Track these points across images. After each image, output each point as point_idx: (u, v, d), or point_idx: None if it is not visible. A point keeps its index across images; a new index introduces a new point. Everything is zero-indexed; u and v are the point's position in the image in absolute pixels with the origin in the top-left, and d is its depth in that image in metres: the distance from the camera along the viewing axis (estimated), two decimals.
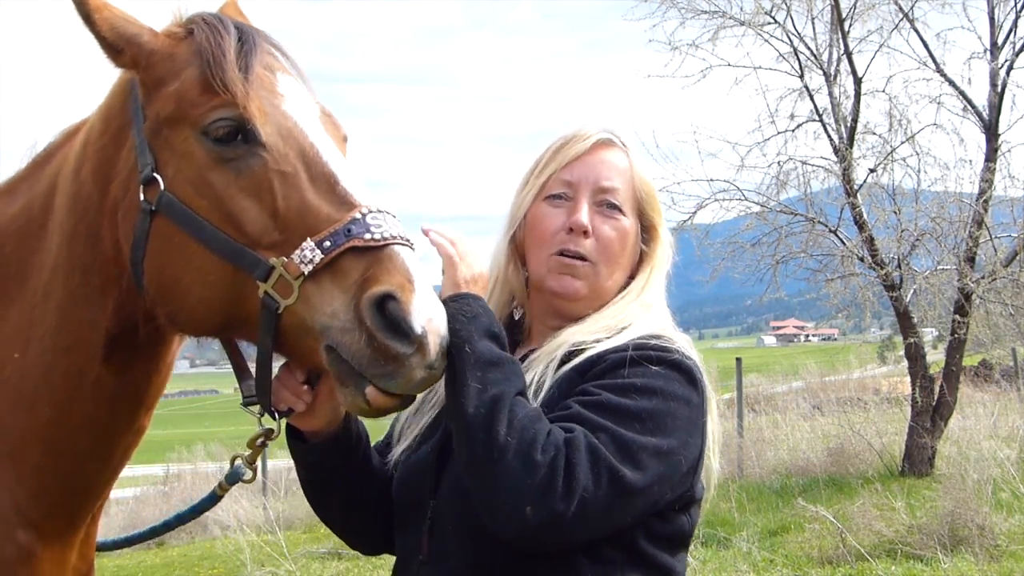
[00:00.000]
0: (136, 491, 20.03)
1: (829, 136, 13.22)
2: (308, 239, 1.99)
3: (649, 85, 13.86)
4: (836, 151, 13.07)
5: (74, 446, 2.26)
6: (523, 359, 2.28)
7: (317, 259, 1.98)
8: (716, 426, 2.28)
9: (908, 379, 13.57)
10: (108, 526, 15.23)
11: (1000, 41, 12.83)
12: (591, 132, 2.36)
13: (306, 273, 1.98)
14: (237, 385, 2.36)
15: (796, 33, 13.27)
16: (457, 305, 2.06)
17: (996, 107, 12.73)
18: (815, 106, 13.26)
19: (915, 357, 12.90)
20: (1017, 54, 12.80)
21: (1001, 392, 18.00)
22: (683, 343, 2.23)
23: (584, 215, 2.29)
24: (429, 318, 1.92)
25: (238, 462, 2.42)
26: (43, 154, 2.41)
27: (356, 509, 2.43)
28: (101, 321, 2.24)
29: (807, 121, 13.41)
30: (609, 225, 2.30)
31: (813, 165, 13.47)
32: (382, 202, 2.06)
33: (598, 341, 2.20)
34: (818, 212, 13.42)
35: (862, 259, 12.96)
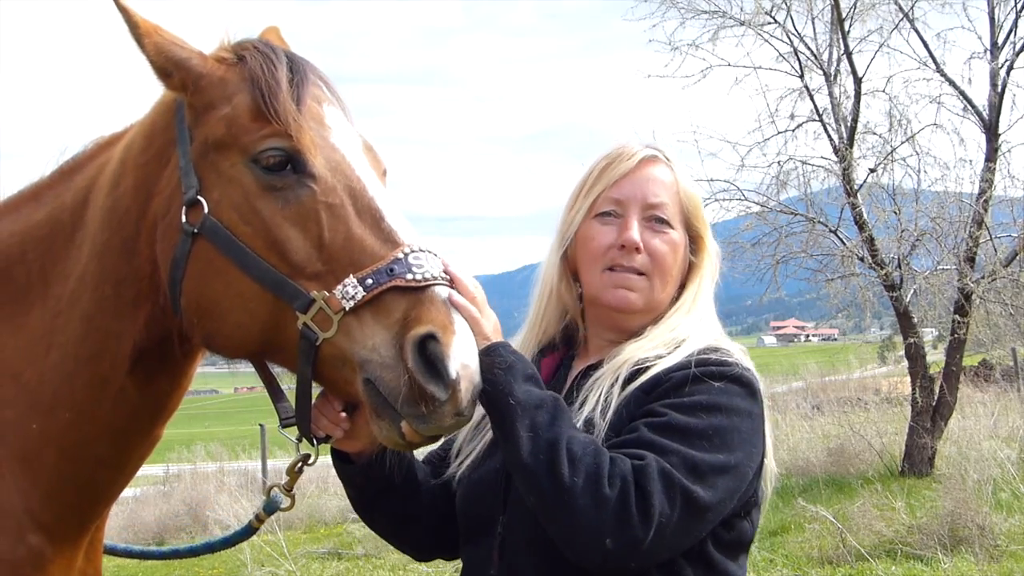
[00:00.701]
0: (136, 491, 20.02)
1: (829, 136, 13.22)
2: (351, 275, 2.03)
3: (649, 85, 13.87)
4: (836, 151, 13.07)
5: (91, 452, 2.28)
6: (584, 373, 2.36)
7: (359, 296, 2.02)
8: (769, 426, 2.35)
9: (908, 379, 13.57)
10: (108, 526, 15.20)
11: (1000, 41, 12.83)
12: (635, 150, 2.43)
13: (347, 309, 2.02)
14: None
15: (796, 33, 13.28)
16: (491, 359, 2.09)
17: (996, 107, 12.73)
18: (815, 106, 13.26)
19: (915, 357, 12.90)
20: (1017, 54, 12.80)
21: (1001, 392, 18.00)
22: (739, 353, 2.29)
23: (635, 232, 2.35)
24: (465, 363, 1.97)
25: (275, 491, 2.45)
26: (73, 163, 2.40)
27: (405, 522, 2.49)
28: (130, 333, 2.25)
29: (807, 121, 13.42)
30: (660, 239, 2.36)
31: (813, 165, 13.48)
32: (424, 240, 2.11)
33: (660, 358, 2.25)
34: (818, 212, 13.42)
35: (862, 259, 12.96)
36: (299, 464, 2.36)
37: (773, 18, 13.21)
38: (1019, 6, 12.81)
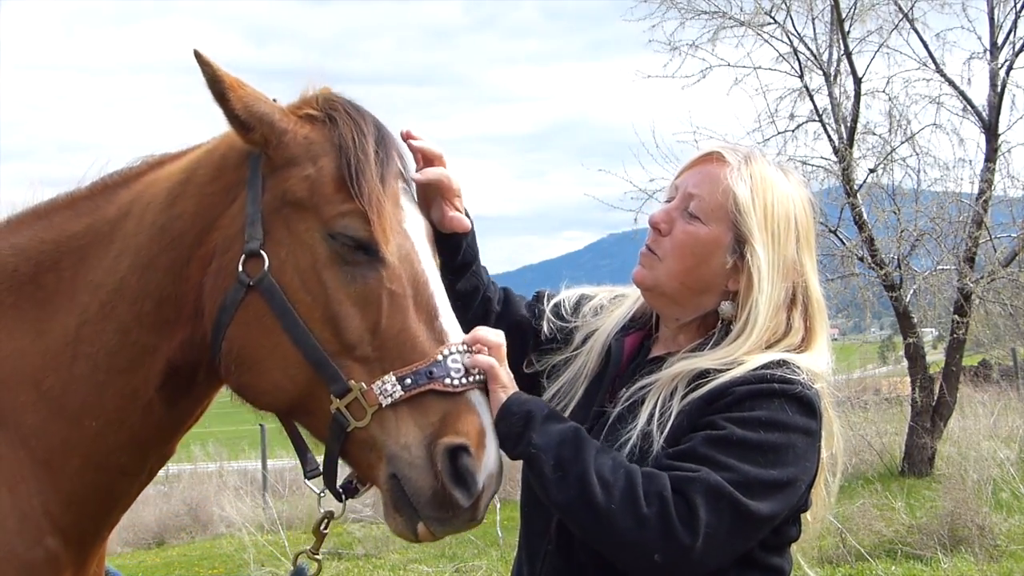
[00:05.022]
0: None
1: (829, 136, 13.22)
2: (391, 373, 2.09)
3: (650, 85, 13.84)
4: (836, 151, 13.08)
5: (114, 461, 2.29)
6: (655, 361, 2.40)
7: (397, 395, 2.08)
8: (836, 448, 2.41)
9: (908, 379, 13.58)
10: None
11: (1000, 41, 12.84)
12: (707, 147, 2.48)
13: (383, 405, 2.08)
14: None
15: (796, 33, 13.28)
16: (507, 417, 2.16)
17: (996, 107, 12.74)
18: (815, 106, 13.26)
19: (915, 357, 12.91)
20: (1017, 54, 12.81)
21: (1001, 392, 17.99)
22: (805, 367, 2.28)
23: (658, 213, 2.42)
24: (491, 473, 2.07)
25: (302, 560, 2.44)
26: (119, 178, 2.39)
27: None
28: (165, 351, 2.26)
29: (807, 121, 13.42)
30: (682, 228, 2.38)
31: (813, 165, 13.48)
32: (461, 338, 2.17)
33: (723, 371, 2.26)
34: (818, 212, 13.36)
35: (862, 259, 12.96)
36: (324, 522, 2.36)
37: (773, 18, 13.22)
38: (1019, 6, 12.82)
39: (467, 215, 2.51)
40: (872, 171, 13.23)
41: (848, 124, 13.02)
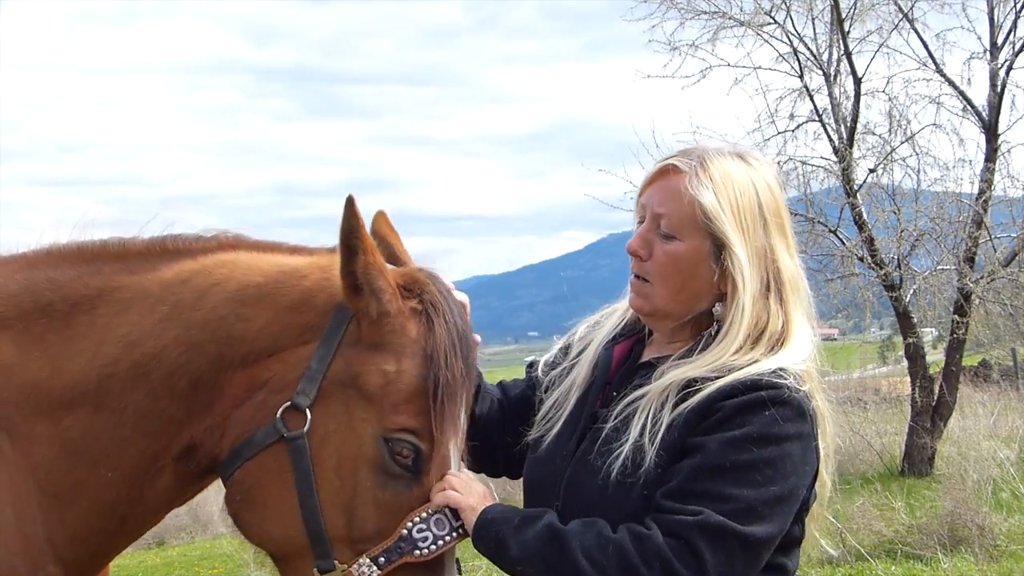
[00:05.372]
0: None
1: (829, 136, 13.22)
2: (365, 556, 2.14)
3: (650, 85, 13.85)
4: (836, 151, 13.07)
5: (124, 509, 2.31)
6: (646, 366, 2.42)
7: (375, 573, 2.14)
8: (830, 437, 2.41)
9: (908, 379, 13.58)
10: None
11: (1000, 41, 12.84)
12: (662, 160, 2.47)
13: None
14: None
15: (796, 33, 13.27)
16: (483, 546, 2.23)
17: (996, 107, 12.73)
18: (815, 106, 13.26)
19: (915, 357, 12.90)
20: (1017, 54, 12.80)
21: (1001, 392, 17.99)
22: (790, 365, 2.28)
23: (635, 241, 2.42)
24: None
25: None
26: (181, 245, 2.36)
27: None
28: (191, 429, 2.27)
29: (807, 121, 13.42)
30: (660, 249, 2.38)
31: (813, 165, 13.47)
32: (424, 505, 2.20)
33: (709, 380, 2.26)
34: (818, 212, 13.41)
35: (862, 259, 12.96)
36: None
37: (773, 18, 13.21)
38: (1019, 6, 12.82)
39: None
40: (872, 171, 13.23)
41: (848, 124, 13.02)
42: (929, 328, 14.99)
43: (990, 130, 12.71)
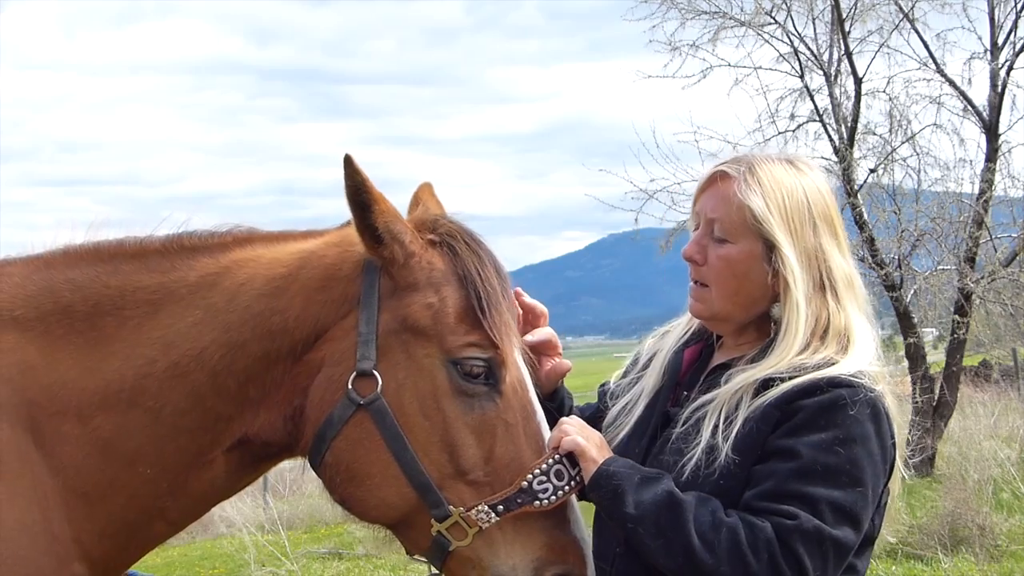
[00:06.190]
0: None
1: (829, 136, 13.23)
2: (483, 502, 2.18)
3: (651, 85, 13.88)
4: (836, 151, 13.08)
5: (160, 506, 2.31)
6: (717, 370, 2.46)
7: (493, 519, 2.18)
8: (899, 436, 2.42)
9: (908, 379, 13.58)
10: None
11: (1000, 41, 12.85)
12: (712, 167, 2.54)
13: (483, 528, 2.19)
14: None
15: (796, 33, 13.28)
16: (597, 496, 2.27)
17: (996, 107, 12.75)
18: (815, 106, 13.27)
19: (915, 357, 12.91)
20: (1017, 54, 12.81)
21: (1001, 392, 18.00)
22: (866, 367, 2.33)
23: (690, 247, 2.50)
24: None
25: None
26: (197, 241, 2.37)
27: None
28: (242, 425, 2.28)
29: (807, 121, 13.43)
30: (714, 253, 2.45)
31: None
32: (545, 453, 2.25)
33: (786, 378, 2.29)
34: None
35: (862, 259, 12.95)
36: None
37: (773, 18, 13.22)
38: (1019, 6, 12.83)
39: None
40: (872, 171, 13.24)
41: (848, 124, 13.03)
42: (930, 328, 15.00)
43: (991, 130, 12.72)
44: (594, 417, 2.73)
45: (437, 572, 2.31)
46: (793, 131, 13.47)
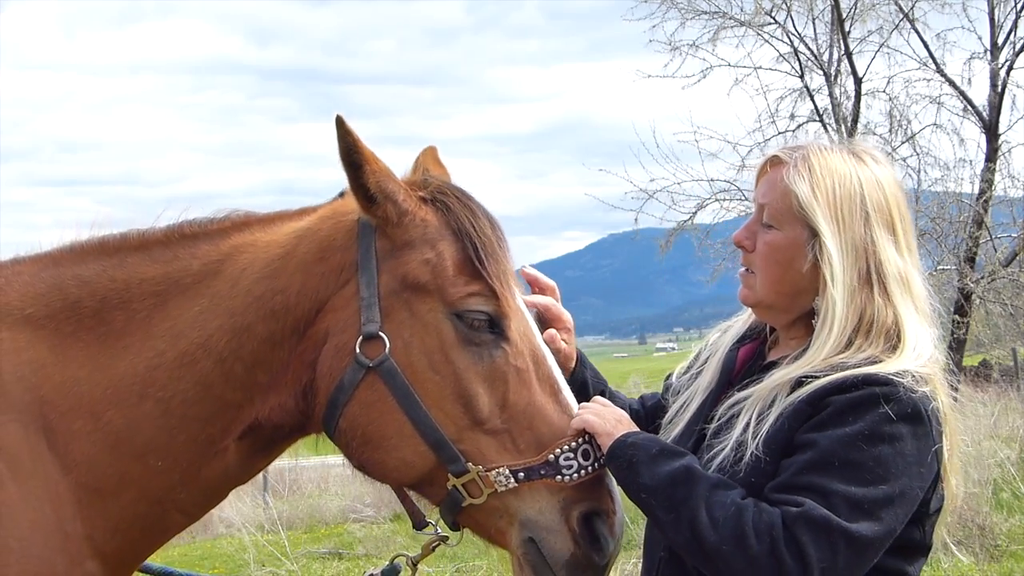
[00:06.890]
0: None
1: (830, 136, 13.22)
2: (505, 466, 2.18)
3: (651, 85, 13.90)
4: None
5: (173, 497, 2.32)
6: (768, 367, 2.42)
7: (511, 485, 2.19)
8: (957, 440, 2.36)
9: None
10: None
11: (1000, 41, 12.89)
12: (769, 152, 2.52)
13: (498, 491, 2.19)
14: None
15: (796, 33, 13.33)
16: (615, 464, 2.25)
17: (996, 107, 12.77)
18: (815, 106, 13.31)
19: None
20: (1017, 54, 12.84)
21: (1001, 392, 17.97)
22: (912, 367, 2.25)
23: (740, 232, 2.49)
24: (619, 536, 2.22)
25: (399, 559, 2.53)
26: (197, 229, 2.39)
27: None
28: (252, 410, 2.29)
29: (808, 121, 13.46)
30: (761, 239, 2.43)
31: None
32: (573, 430, 2.25)
33: (822, 375, 2.24)
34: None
35: None
36: (435, 544, 2.44)
37: (773, 19, 13.24)
38: (1019, 6, 12.86)
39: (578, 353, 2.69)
40: None
41: (848, 124, 13.04)
42: None
43: (990, 130, 12.74)
44: (655, 409, 2.74)
45: (443, 534, 2.34)
46: (793, 131, 13.51)
